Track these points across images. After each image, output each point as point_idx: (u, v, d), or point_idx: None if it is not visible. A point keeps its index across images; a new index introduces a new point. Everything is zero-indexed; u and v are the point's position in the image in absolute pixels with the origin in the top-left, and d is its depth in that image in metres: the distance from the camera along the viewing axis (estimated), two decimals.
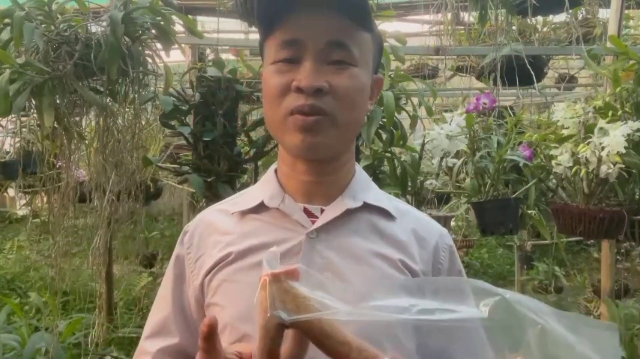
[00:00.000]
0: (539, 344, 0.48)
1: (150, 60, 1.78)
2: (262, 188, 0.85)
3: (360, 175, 0.86)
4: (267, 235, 0.79)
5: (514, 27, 3.17)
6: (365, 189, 0.84)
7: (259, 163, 2.07)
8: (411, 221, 0.84)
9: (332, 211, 0.79)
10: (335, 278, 0.74)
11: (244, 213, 0.83)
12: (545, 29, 3.53)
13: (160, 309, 0.85)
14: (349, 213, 0.79)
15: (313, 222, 0.78)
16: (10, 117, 1.80)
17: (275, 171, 0.85)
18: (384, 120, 1.70)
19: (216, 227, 0.83)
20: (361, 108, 0.79)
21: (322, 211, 0.80)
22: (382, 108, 1.69)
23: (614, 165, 1.66)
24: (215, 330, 0.57)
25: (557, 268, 4.79)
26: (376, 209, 0.82)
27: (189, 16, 1.99)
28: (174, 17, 1.77)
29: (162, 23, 1.72)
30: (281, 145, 0.81)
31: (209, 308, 0.80)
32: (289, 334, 0.54)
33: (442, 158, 2.00)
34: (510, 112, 2.44)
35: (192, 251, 0.84)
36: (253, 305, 0.73)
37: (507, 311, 0.49)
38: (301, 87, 0.72)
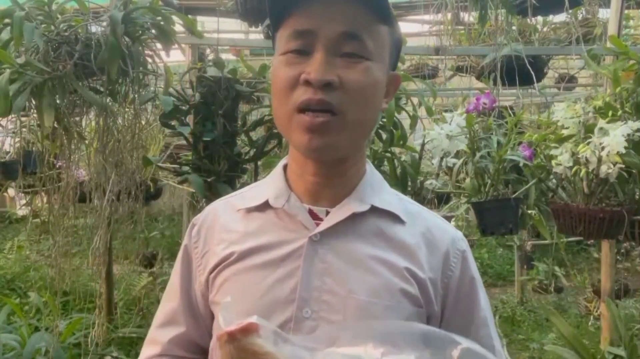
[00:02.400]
0: None
1: (150, 60, 1.78)
2: (269, 185, 0.82)
3: (372, 176, 0.81)
4: (270, 236, 0.77)
5: (514, 27, 3.17)
6: (375, 191, 0.80)
7: (259, 163, 2.07)
8: (422, 224, 0.80)
9: (338, 214, 0.76)
10: (336, 284, 0.72)
11: (249, 210, 0.81)
12: (545, 29, 3.53)
13: (170, 299, 0.86)
14: (355, 217, 0.76)
15: (317, 224, 0.75)
16: (10, 117, 1.80)
17: (284, 167, 0.82)
18: (384, 120, 1.70)
19: (222, 223, 0.82)
20: (374, 106, 0.74)
21: (327, 213, 0.76)
22: None
23: (614, 165, 1.66)
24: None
25: (557, 268, 4.79)
26: (385, 213, 0.78)
27: (189, 16, 1.99)
28: (174, 17, 1.77)
29: (162, 23, 1.72)
30: (291, 144, 0.77)
31: (212, 305, 0.81)
32: None
33: (442, 158, 2.00)
34: (510, 112, 2.44)
35: (199, 246, 0.83)
36: (252, 305, 0.73)
37: None
38: (310, 79, 0.68)
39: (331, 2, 0.69)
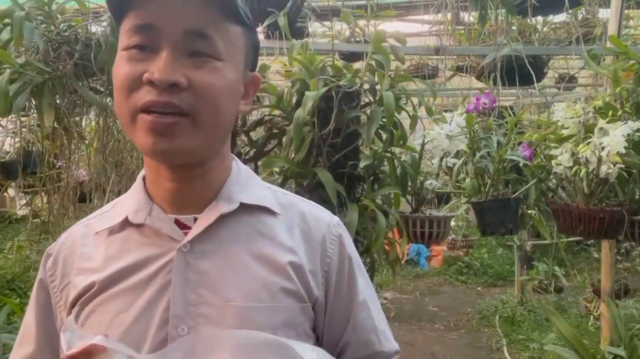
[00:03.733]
0: None
1: None
2: (129, 201, 0.75)
3: (238, 173, 0.76)
4: (134, 255, 0.70)
5: (514, 27, 3.17)
6: (243, 187, 0.75)
7: (259, 163, 2.07)
8: (296, 215, 0.76)
9: (206, 218, 0.70)
10: (212, 294, 0.67)
11: (111, 232, 0.73)
12: (545, 29, 3.53)
13: (25, 343, 0.76)
14: (224, 218, 0.71)
15: (187, 234, 0.70)
16: (10, 117, 1.80)
17: (144, 178, 0.76)
18: (384, 120, 1.70)
19: (80, 252, 0.74)
20: (228, 108, 0.68)
21: (195, 220, 0.71)
22: (382, 108, 1.69)
23: (614, 165, 1.66)
24: None
25: (557, 268, 4.80)
26: (256, 208, 0.73)
27: None
28: None
29: None
30: (136, 145, 0.71)
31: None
32: None
33: (442, 158, 2.00)
34: (510, 112, 2.44)
35: (57, 279, 0.75)
36: (123, 334, 0.67)
37: None
38: (153, 79, 0.62)
39: None
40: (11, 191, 4.94)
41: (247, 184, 0.76)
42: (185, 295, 0.67)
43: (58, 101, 1.66)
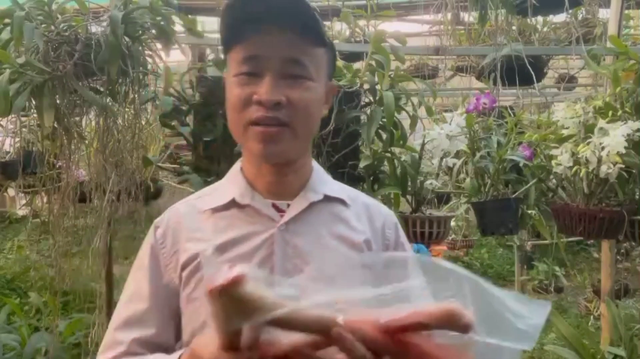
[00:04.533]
0: (473, 296, 0.54)
1: (150, 60, 1.78)
2: (231, 186, 0.91)
3: (318, 170, 0.95)
4: (240, 230, 0.85)
5: (514, 27, 3.17)
6: (323, 182, 0.93)
7: None
8: (362, 206, 0.94)
9: (298, 205, 0.87)
10: (305, 264, 0.83)
11: (215, 210, 0.88)
12: (545, 29, 3.52)
13: (135, 301, 0.87)
14: (312, 206, 0.88)
15: (282, 216, 0.86)
16: (10, 117, 1.80)
17: (241, 169, 0.92)
18: (384, 120, 1.70)
19: (187, 224, 0.88)
20: (316, 116, 0.87)
21: (288, 205, 0.87)
22: (382, 108, 1.69)
23: (614, 165, 1.66)
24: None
25: (557, 268, 4.80)
26: (335, 199, 0.91)
27: (189, 16, 1.98)
28: (174, 17, 1.77)
29: (162, 23, 1.72)
30: (246, 150, 0.89)
31: (187, 302, 0.84)
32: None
33: (442, 158, 2.00)
34: (510, 112, 2.44)
35: (167, 245, 0.88)
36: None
37: (446, 275, 0.56)
38: (262, 100, 0.80)
39: (275, 32, 0.81)
40: (11, 191, 4.94)
41: (325, 180, 0.95)
42: (284, 264, 0.83)
43: (58, 101, 1.66)
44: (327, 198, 0.90)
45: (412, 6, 3.21)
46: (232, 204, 0.88)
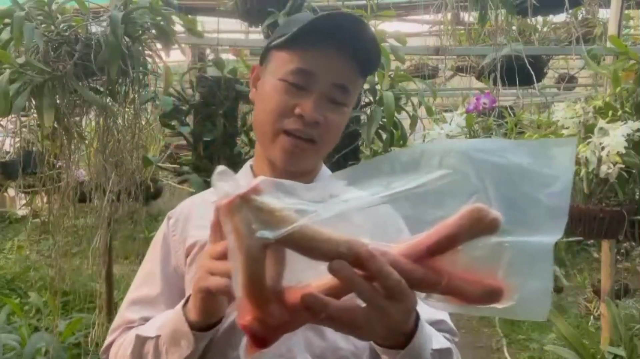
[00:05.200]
0: (495, 182, 0.50)
1: (150, 60, 1.78)
2: (242, 177, 0.91)
3: (325, 171, 0.96)
4: (229, 243, 0.84)
5: (514, 27, 3.17)
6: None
7: None
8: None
9: None
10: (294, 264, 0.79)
11: None
12: (545, 29, 3.53)
13: (148, 285, 0.90)
14: None
15: None
16: (10, 117, 1.80)
17: (251, 167, 0.94)
18: (384, 120, 1.70)
19: (198, 214, 0.91)
20: (340, 134, 0.89)
21: None
22: (382, 108, 1.69)
23: (614, 165, 1.66)
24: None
25: (557, 268, 4.79)
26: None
27: (189, 16, 1.99)
28: (174, 17, 1.77)
29: (162, 23, 1.72)
30: (266, 151, 0.88)
31: (191, 284, 0.82)
32: (267, 253, 0.51)
33: None
34: (510, 112, 2.44)
35: (177, 234, 0.91)
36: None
37: (466, 161, 0.51)
38: (305, 115, 0.81)
39: (335, 55, 0.81)
40: (11, 191, 4.95)
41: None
42: None
43: (58, 101, 1.66)
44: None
45: (412, 6, 3.20)
46: None
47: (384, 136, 1.82)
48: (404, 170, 0.52)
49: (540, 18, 3.38)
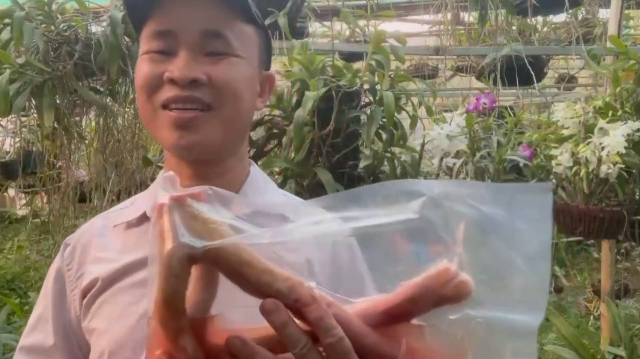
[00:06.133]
0: (466, 238, 0.42)
1: None
2: (148, 197, 0.76)
3: (255, 176, 0.78)
4: (147, 250, 0.67)
5: (514, 27, 3.17)
6: (259, 192, 0.76)
7: (259, 163, 2.07)
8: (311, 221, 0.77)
9: None
10: (225, 294, 0.65)
11: (129, 226, 0.75)
12: (545, 29, 3.53)
13: (40, 329, 0.76)
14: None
15: None
16: (10, 117, 1.80)
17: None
18: (384, 120, 1.70)
19: (98, 242, 0.76)
20: (247, 102, 0.71)
21: None
22: (382, 108, 1.69)
23: (614, 165, 1.67)
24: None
25: (557, 268, 4.79)
26: (269, 216, 0.72)
27: None
28: None
29: None
30: (160, 142, 0.73)
31: (87, 333, 0.72)
32: (193, 273, 0.42)
33: (442, 158, 2.00)
34: (510, 112, 2.44)
35: (73, 268, 0.76)
36: (134, 327, 0.65)
37: (436, 209, 0.43)
38: (174, 77, 0.65)
39: (190, 3, 0.67)
40: (11, 191, 4.95)
41: (263, 189, 0.77)
42: None
43: (58, 101, 1.66)
44: (258, 214, 0.70)
45: (412, 6, 3.21)
46: (144, 218, 0.73)
47: (384, 136, 1.82)
48: (381, 205, 0.44)
49: (540, 18, 3.38)
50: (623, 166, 1.67)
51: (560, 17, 3.31)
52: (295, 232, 0.43)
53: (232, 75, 0.68)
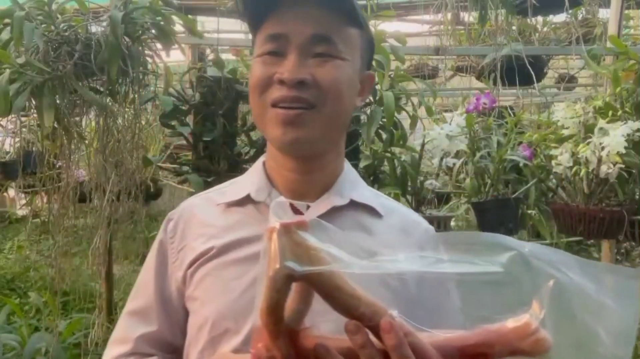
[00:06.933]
0: (552, 299, 0.44)
1: (150, 60, 1.78)
2: (250, 180, 0.83)
3: (349, 173, 0.85)
4: (251, 229, 0.77)
5: (514, 27, 3.17)
6: (353, 186, 0.82)
7: None
8: (398, 219, 0.83)
9: (318, 208, 0.77)
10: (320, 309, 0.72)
11: (229, 205, 0.81)
12: (545, 29, 3.53)
13: (142, 295, 0.84)
14: (335, 211, 0.77)
15: None
16: (10, 117, 1.80)
17: (264, 164, 0.84)
18: (384, 120, 1.70)
19: (200, 218, 0.82)
20: (348, 101, 0.77)
21: (308, 207, 0.77)
22: (382, 108, 1.69)
23: (614, 165, 1.66)
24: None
25: None
26: (363, 207, 0.80)
27: (189, 16, 1.99)
28: (174, 17, 1.77)
29: (162, 23, 1.72)
30: (267, 138, 0.79)
31: (189, 301, 0.79)
32: (294, 288, 0.51)
33: (442, 158, 2.00)
34: (510, 112, 2.44)
35: (176, 241, 0.82)
36: (234, 301, 0.72)
37: (523, 265, 0.45)
38: (283, 78, 0.71)
39: (302, 7, 0.73)
40: (11, 191, 4.94)
41: (356, 184, 0.84)
42: None
43: (58, 101, 1.66)
44: (354, 204, 0.79)
45: (412, 6, 3.21)
46: (247, 200, 0.80)
47: (384, 136, 1.82)
48: (480, 253, 0.47)
49: (540, 18, 3.38)
50: (623, 166, 1.67)
51: (560, 17, 3.31)
52: (381, 267, 0.49)
53: (336, 77, 0.74)
